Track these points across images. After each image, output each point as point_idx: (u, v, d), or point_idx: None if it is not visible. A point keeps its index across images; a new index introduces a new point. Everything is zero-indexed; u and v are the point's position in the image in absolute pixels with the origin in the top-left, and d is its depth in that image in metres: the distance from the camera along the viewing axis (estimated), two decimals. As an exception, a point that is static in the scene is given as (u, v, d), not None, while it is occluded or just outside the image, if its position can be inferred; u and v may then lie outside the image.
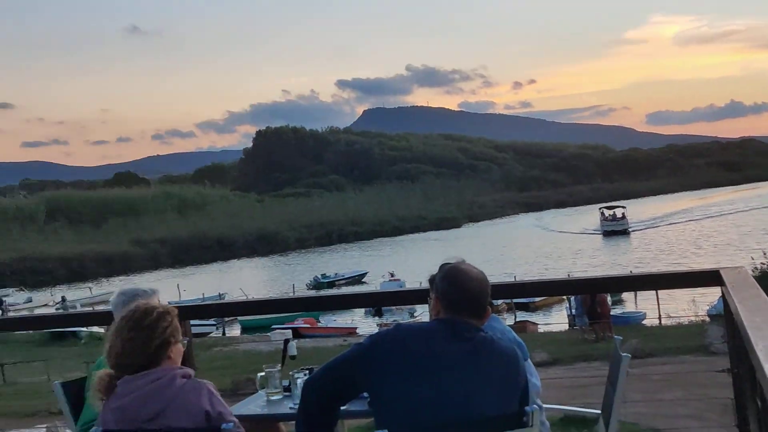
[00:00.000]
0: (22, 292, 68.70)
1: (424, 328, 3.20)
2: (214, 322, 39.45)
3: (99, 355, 3.63)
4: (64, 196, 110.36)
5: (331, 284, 59.95)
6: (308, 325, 37.88)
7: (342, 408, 3.37)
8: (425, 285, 3.73)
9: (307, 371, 4.35)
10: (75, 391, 4.30)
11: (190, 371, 3.17)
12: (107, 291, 61.21)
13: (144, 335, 3.11)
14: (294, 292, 54.55)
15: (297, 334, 33.73)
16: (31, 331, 34.68)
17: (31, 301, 61.65)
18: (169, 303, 3.56)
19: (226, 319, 40.04)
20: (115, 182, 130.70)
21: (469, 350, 3.08)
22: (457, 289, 3.18)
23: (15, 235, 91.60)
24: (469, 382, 3.04)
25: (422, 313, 34.77)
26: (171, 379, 3.09)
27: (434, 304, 3.26)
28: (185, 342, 3.29)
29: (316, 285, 59.97)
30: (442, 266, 3.34)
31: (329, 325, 39.13)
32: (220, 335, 40.35)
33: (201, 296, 49.22)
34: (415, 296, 5.96)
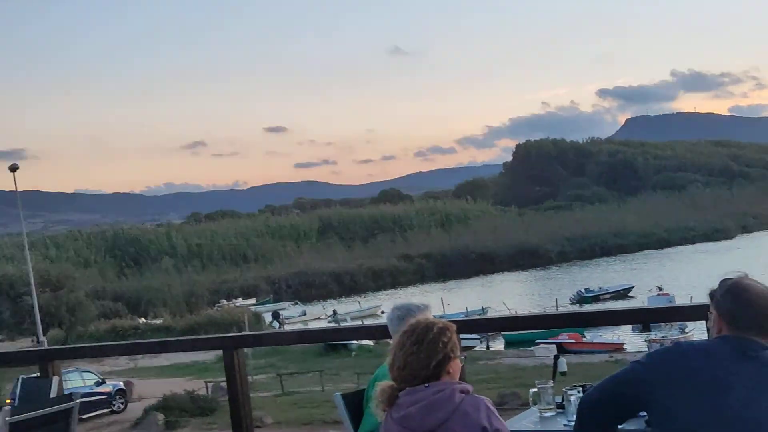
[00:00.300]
0: (297, 305, 72.72)
1: (708, 347, 3.07)
2: (478, 336, 39.84)
3: (369, 366, 3.75)
4: (334, 213, 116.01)
5: (595, 299, 58.81)
6: (573, 341, 37.32)
7: (619, 427, 3.30)
8: (697, 300, 3.58)
9: (580, 388, 4.29)
10: (354, 403, 4.49)
11: (469, 387, 3.21)
12: (374, 305, 63.66)
13: (425, 350, 3.18)
14: (557, 306, 54.00)
15: (561, 349, 33.35)
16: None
17: (305, 315, 65.06)
18: (434, 317, 3.64)
19: (490, 332, 40.34)
20: (381, 199, 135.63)
21: (757, 370, 2.93)
22: (742, 306, 3.03)
23: (290, 252, 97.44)
24: (758, 404, 2.89)
25: (693, 329, 33.24)
26: (452, 392, 3.14)
27: (716, 321, 3.13)
28: (463, 358, 3.35)
29: (580, 299, 58.99)
30: (723, 281, 3.19)
31: (595, 341, 38.38)
32: (485, 349, 40.69)
33: (464, 310, 49.80)
34: (689, 312, 5.69)
